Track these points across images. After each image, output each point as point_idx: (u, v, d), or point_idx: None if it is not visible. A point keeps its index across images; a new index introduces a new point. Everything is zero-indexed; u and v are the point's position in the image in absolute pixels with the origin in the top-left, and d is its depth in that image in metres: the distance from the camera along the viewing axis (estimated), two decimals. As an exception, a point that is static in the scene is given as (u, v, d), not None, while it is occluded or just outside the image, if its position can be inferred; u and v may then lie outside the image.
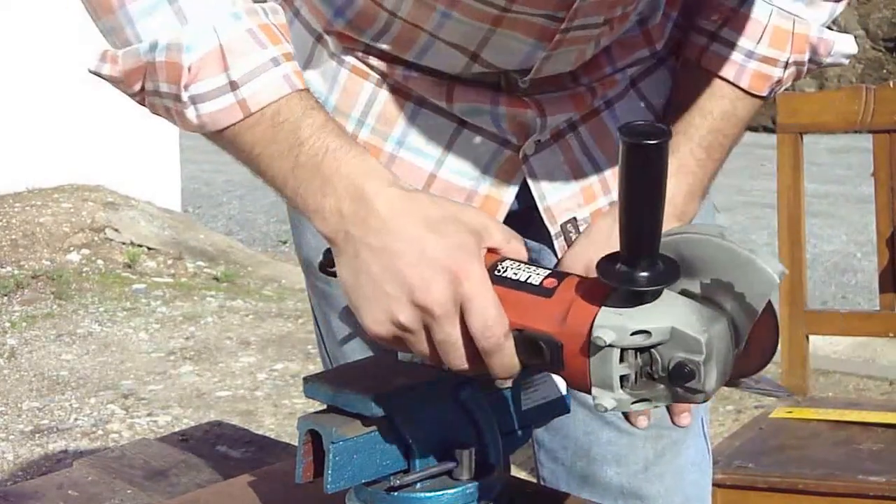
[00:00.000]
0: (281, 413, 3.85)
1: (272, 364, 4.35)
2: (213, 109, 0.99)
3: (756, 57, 1.21)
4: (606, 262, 0.88)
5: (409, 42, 1.15)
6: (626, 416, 1.25)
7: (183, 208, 7.17)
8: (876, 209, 2.26)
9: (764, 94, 1.23)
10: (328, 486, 0.93)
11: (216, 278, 5.68)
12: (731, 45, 1.21)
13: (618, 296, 0.88)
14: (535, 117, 1.19)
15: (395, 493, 0.97)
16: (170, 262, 5.86)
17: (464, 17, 1.11)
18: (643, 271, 0.86)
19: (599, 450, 1.30)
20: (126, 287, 5.39)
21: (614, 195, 1.24)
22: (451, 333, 0.92)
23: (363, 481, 0.96)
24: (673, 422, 1.23)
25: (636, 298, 0.87)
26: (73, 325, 4.83)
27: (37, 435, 3.68)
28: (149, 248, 5.94)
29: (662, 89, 1.26)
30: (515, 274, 0.94)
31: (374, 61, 1.18)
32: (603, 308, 0.88)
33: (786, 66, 1.22)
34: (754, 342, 0.91)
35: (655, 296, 0.87)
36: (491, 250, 0.95)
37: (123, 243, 5.92)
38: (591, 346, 0.87)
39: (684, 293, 0.89)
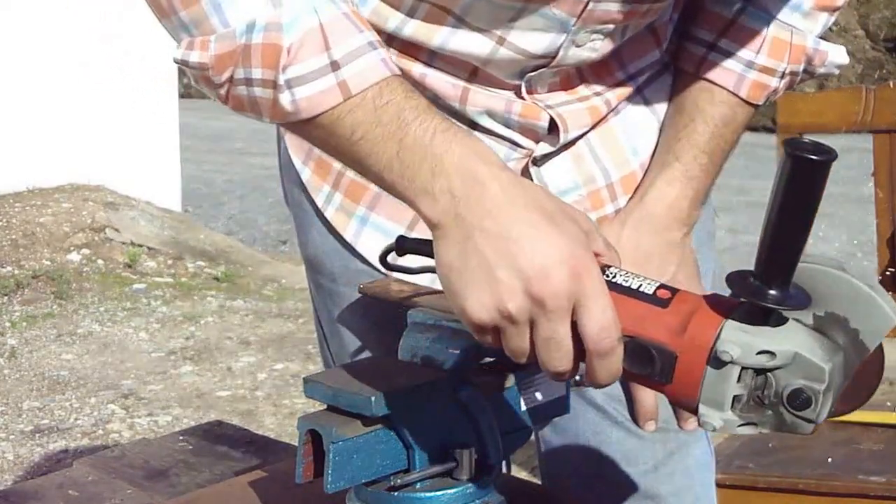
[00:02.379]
0: (281, 413, 3.85)
1: (272, 364, 4.35)
2: (312, 92, 0.96)
3: (755, 67, 1.22)
4: (738, 275, 0.86)
5: (433, 28, 1.14)
6: (634, 419, 1.25)
7: (183, 208, 7.17)
8: (876, 209, 2.26)
9: (760, 102, 1.24)
10: (328, 486, 0.93)
11: (216, 278, 5.69)
12: (731, 55, 1.22)
13: (742, 312, 0.85)
14: (547, 127, 1.19)
15: (395, 493, 0.97)
16: (170, 262, 5.86)
17: None
18: (776, 290, 0.84)
19: (609, 450, 1.30)
20: (126, 287, 5.40)
21: (621, 202, 1.24)
22: (558, 330, 0.88)
23: (363, 481, 0.96)
24: (679, 426, 1.23)
25: (762, 317, 0.85)
26: (73, 325, 4.83)
27: (37, 435, 3.68)
28: (149, 248, 5.95)
29: (665, 95, 1.27)
30: (625, 281, 0.91)
31: (392, 57, 1.17)
32: (728, 322, 0.85)
33: (782, 75, 1.23)
34: (856, 379, 0.89)
35: (780, 319, 0.85)
36: (594, 255, 0.92)
37: (124, 243, 5.92)
38: (712, 360, 0.85)
39: (796, 322, 0.86)
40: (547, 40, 1.13)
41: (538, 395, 1.07)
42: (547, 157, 1.21)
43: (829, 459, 1.98)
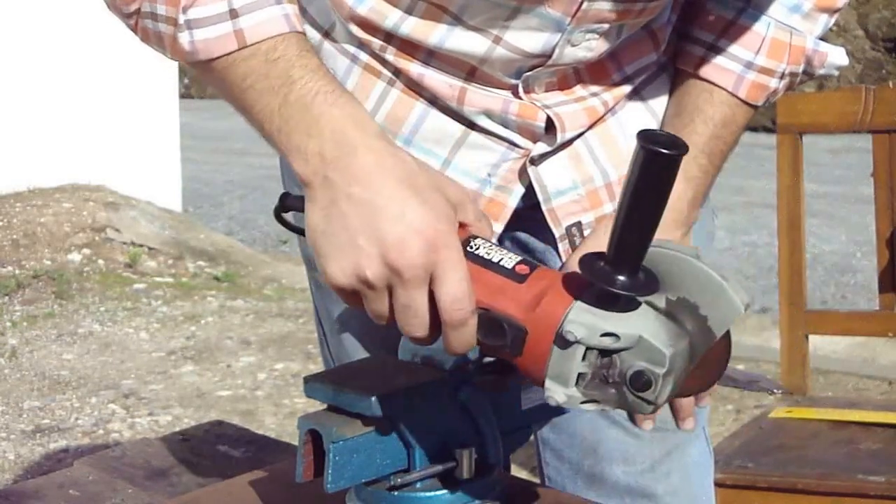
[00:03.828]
0: (281, 413, 3.85)
1: (273, 364, 4.36)
2: (209, 36, 1.00)
3: (754, 68, 1.22)
4: (590, 259, 0.88)
5: (430, 26, 1.14)
6: (631, 418, 1.26)
7: (183, 208, 7.17)
8: (875, 209, 2.26)
9: (759, 103, 1.24)
10: (328, 486, 0.93)
11: (217, 278, 5.69)
12: (730, 56, 1.22)
13: (593, 294, 0.88)
14: (545, 126, 1.19)
15: (396, 493, 0.97)
16: (170, 261, 5.87)
17: None
18: (625, 276, 0.86)
19: (607, 448, 1.31)
20: (127, 287, 5.40)
21: None
22: (414, 299, 0.91)
23: (363, 481, 0.96)
24: (677, 426, 1.24)
25: (611, 301, 0.87)
26: (73, 325, 4.83)
27: (38, 434, 3.69)
28: (149, 248, 5.95)
29: (663, 96, 1.27)
30: (487, 254, 0.94)
31: (390, 56, 1.17)
32: (577, 303, 0.88)
33: (782, 76, 1.23)
34: (702, 365, 0.92)
35: (629, 303, 0.88)
36: (461, 225, 0.95)
37: (124, 243, 5.93)
38: (558, 339, 0.87)
39: (648, 305, 0.89)
40: (542, 39, 1.14)
41: (538, 395, 1.07)
42: (544, 156, 1.21)
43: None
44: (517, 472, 2.45)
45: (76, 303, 5.13)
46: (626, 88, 1.23)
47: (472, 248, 0.94)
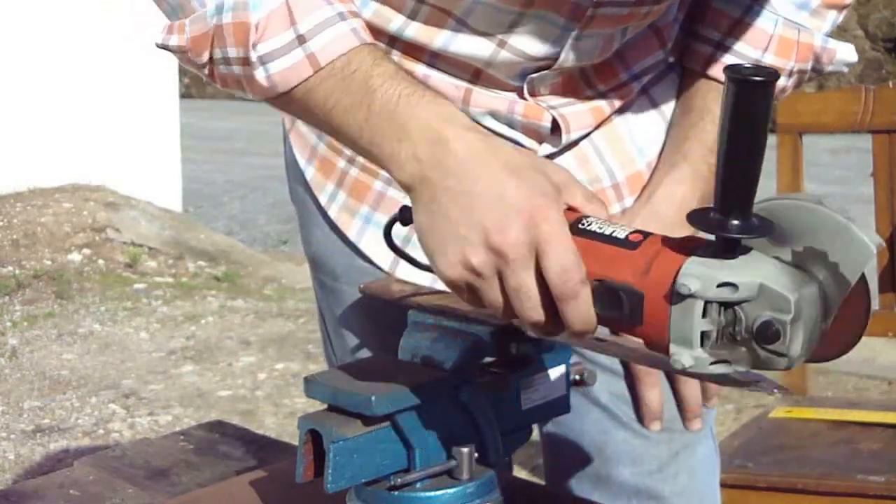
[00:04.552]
0: (281, 413, 3.85)
1: (273, 364, 4.36)
2: (283, 67, 0.99)
3: None
4: (699, 211, 0.86)
5: (435, 31, 1.14)
6: (639, 419, 1.26)
7: (184, 208, 7.18)
8: (875, 209, 2.26)
9: None
10: (328, 486, 0.93)
11: (217, 278, 5.69)
12: (738, 55, 1.22)
13: (707, 248, 0.85)
14: (550, 127, 1.19)
15: (396, 493, 0.97)
16: (171, 261, 5.87)
17: (495, 1, 1.10)
18: (738, 220, 0.83)
19: (614, 449, 1.30)
20: (127, 287, 5.40)
21: (627, 202, 1.24)
22: (524, 279, 0.89)
23: (363, 481, 0.96)
24: (685, 426, 1.23)
25: (726, 250, 0.84)
26: (74, 325, 4.83)
27: (38, 434, 3.69)
28: (150, 248, 5.95)
29: (671, 95, 1.27)
30: (600, 228, 0.91)
31: (394, 58, 1.17)
32: (691, 257, 0.85)
33: (790, 74, 1.23)
34: (842, 320, 0.87)
35: (745, 251, 0.84)
36: (571, 209, 0.93)
37: (124, 243, 5.93)
38: (673, 296, 0.84)
39: (775, 259, 0.85)
40: (548, 43, 1.14)
41: (538, 395, 1.07)
42: (550, 157, 1.21)
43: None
44: (517, 472, 2.46)
45: (76, 303, 5.13)
46: (634, 88, 1.23)
47: (583, 224, 0.91)
